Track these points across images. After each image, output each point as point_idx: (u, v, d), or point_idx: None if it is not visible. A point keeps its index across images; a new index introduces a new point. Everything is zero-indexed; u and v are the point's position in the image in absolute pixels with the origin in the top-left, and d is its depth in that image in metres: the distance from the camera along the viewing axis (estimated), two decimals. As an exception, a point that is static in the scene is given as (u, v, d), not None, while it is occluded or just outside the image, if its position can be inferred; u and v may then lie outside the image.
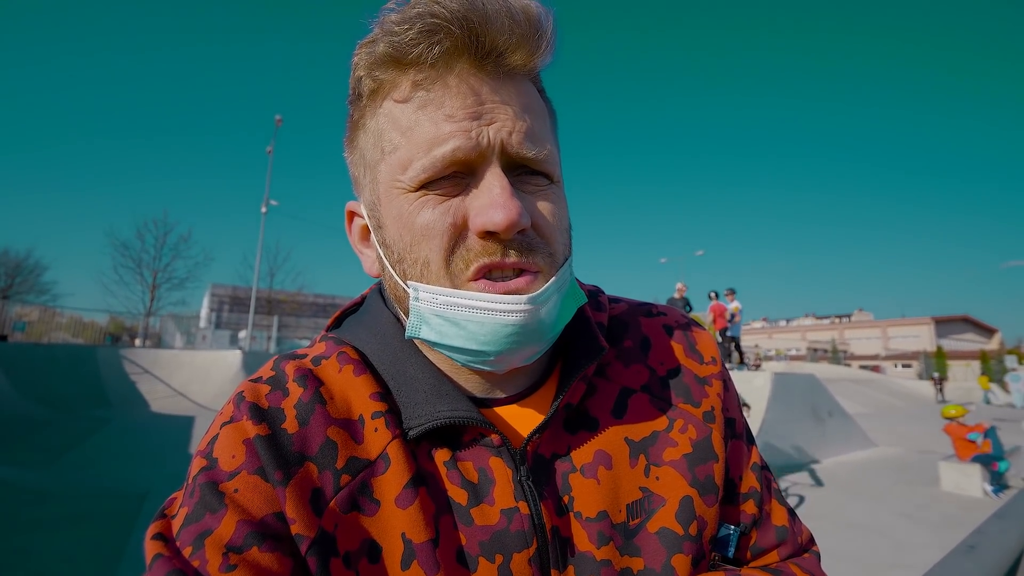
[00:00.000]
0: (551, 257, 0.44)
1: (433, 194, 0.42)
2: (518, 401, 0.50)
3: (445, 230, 0.42)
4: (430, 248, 0.42)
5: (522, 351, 0.44)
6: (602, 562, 0.44)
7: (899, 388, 23.15)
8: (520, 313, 0.41)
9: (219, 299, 38.37)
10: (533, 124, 0.43)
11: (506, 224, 0.40)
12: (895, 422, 12.88)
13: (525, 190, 0.44)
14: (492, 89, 0.42)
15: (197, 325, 20.75)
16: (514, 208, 0.40)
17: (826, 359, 41.87)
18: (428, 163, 0.41)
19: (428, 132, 0.41)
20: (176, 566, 0.37)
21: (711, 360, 0.56)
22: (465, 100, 0.41)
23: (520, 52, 0.42)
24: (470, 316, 0.42)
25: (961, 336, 58.59)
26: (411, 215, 0.43)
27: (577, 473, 0.47)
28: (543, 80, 0.49)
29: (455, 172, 0.42)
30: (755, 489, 0.53)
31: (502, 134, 0.41)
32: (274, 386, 0.46)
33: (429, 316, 0.43)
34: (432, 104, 0.41)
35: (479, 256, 0.41)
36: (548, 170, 0.44)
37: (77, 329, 17.14)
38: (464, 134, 0.41)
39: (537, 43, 0.42)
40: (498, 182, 0.41)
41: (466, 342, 0.43)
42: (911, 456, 8.21)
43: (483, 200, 0.41)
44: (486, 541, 0.43)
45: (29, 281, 25.72)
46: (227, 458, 0.41)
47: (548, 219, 0.44)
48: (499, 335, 0.42)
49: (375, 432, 0.45)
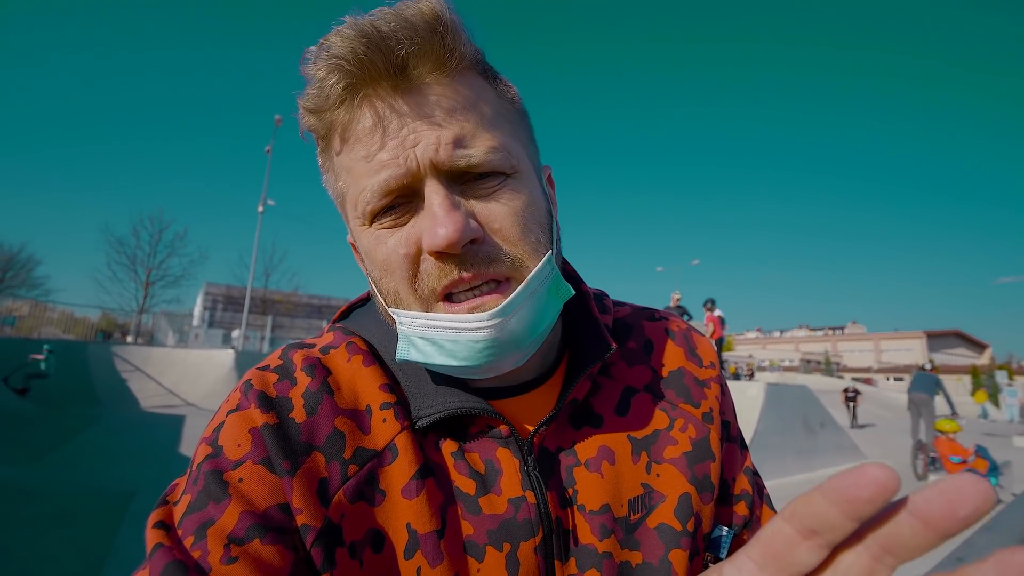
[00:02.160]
0: (517, 260, 0.43)
1: (386, 226, 0.43)
2: (523, 393, 0.50)
3: (401, 262, 0.42)
4: (395, 280, 0.43)
5: (506, 359, 0.44)
6: (603, 554, 0.45)
7: (891, 401, 23.27)
8: (486, 329, 0.41)
9: (213, 298, 38.12)
10: (462, 128, 0.41)
11: (446, 242, 0.39)
12: (886, 434, 12.93)
13: (478, 195, 0.42)
14: (410, 106, 0.41)
15: (190, 323, 20.62)
16: (453, 223, 0.39)
17: (819, 371, 42.05)
18: (369, 196, 0.42)
19: (363, 168, 0.42)
20: (176, 557, 0.36)
21: (710, 364, 0.57)
22: (389, 128, 0.41)
23: (427, 59, 0.40)
24: (445, 336, 0.42)
25: (952, 351, 59.02)
26: (373, 250, 0.44)
27: (581, 467, 0.48)
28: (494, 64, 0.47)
29: (398, 198, 0.42)
30: (747, 492, 0.54)
31: (428, 152, 0.40)
32: (282, 375, 0.46)
33: (415, 338, 0.44)
34: (360, 140, 0.42)
35: (439, 278, 0.42)
36: (496, 167, 0.42)
37: (68, 325, 16.96)
38: (392, 161, 0.40)
39: (442, 43, 0.40)
40: (436, 200, 0.40)
41: (448, 359, 0.43)
42: (901, 469, 8.24)
43: (426, 222, 0.41)
44: (494, 530, 0.43)
45: (21, 275, 25.45)
46: (232, 446, 0.41)
47: (508, 220, 0.42)
48: (473, 351, 0.42)
49: (383, 423, 0.45)
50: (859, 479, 0.19)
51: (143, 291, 23.67)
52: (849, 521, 0.19)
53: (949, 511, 0.18)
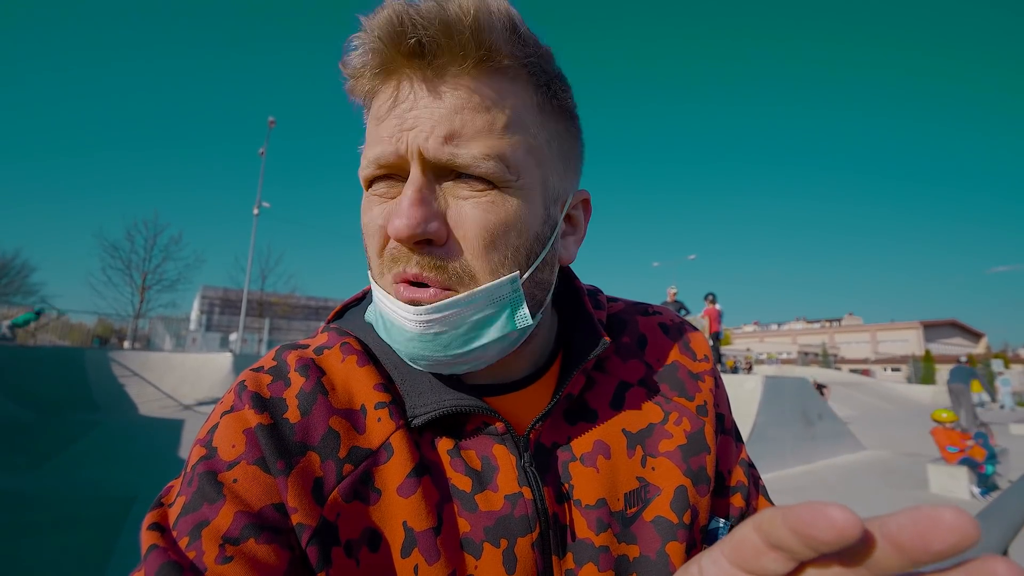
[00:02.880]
0: (468, 275, 0.42)
1: (375, 194, 0.45)
2: (518, 390, 0.50)
3: (377, 231, 0.44)
4: (370, 245, 0.45)
5: (435, 361, 0.44)
6: (600, 548, 0.45)
7: (888, 391, 23.39)
8: (412, 323, 0.42)
9: (210, 301, 37.98)
10: (464, 125, 0.40)
11: (398, 234, 0.40)
12: (884, 425, 13.00)
13: (459, 195, 0.42)
14: (421, 92, 0.41)
15: (187, 327, 20.54)
16: (411, 217, 0.39)
17: (817, 363, 42.21)
18: (365, 163, 0.44)
19: (371, 137, 0.44)
20: (171, 558, 0.36)
21: (703, 357, 0.58)
22: (392, 106, 0.42)
23: (448, 51, 0.40)
24: (389, 315, 0.44)
25: (949, 340, 59.28)
26: (364, 212, 0.46)
27: (577, 462, 0.48)
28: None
29: (389, 175, 0.43)
30: (743, 483, 0.54)
31: (418, 139, 0.40)
32: (276, 376, 0.46)
33: (376, 307, 0.47)
34: (373, 112, 0.44)
35: (391, 263, 0.43)
36: (484, 174, 0.41)
37: (64, 331, 16.90)
38: (388, 139, 0.42)
39: (472, 38, 0.40)
40: (409, 189, 0.41)
41: (388, 338, 0.46)
42: (899, 459, 8.28)
43: (394, 206, 0.42)
44: (491, 526, 0.44)
45: (16, 282, 25.34)
46: (227, 447, 0.41)
47: (475, 231, 0.41)
48: (404, 337, 0.43)
49: (378, 422, 0.45)
50: (817, 520, 0.18)
51: (139, 296, 23.57)
52: (808, 551, 0.18)
53: (922, 544, 0.17)
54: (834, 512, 0.17)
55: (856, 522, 0.17)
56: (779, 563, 0.20)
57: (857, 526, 0.17)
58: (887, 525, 0.18)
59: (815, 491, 6.24)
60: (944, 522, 0.16)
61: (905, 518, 0.17)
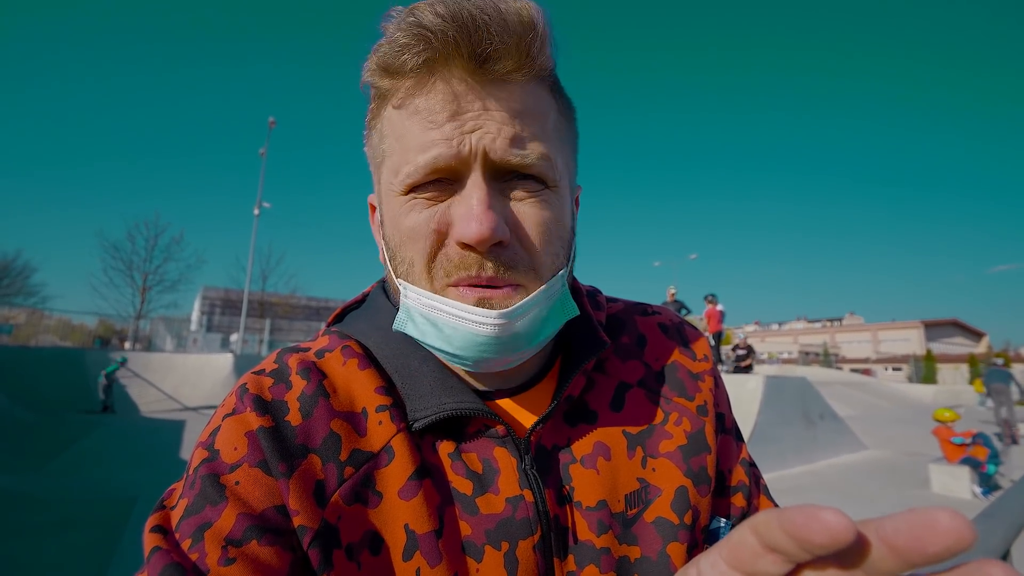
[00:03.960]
0: (534, 271, 0.43)
1: (420, 198, 0.43)
2: (519, 393, 0.50)
3: (428, 235, 0.43)
4: (414, 251, 0.44)
5: (499, 359, 0.44)
6: (601, 550, 0.45)
7: (889, 391, 23.36)
8: (491, 327, 0.41)
9: (210, 302, 38.05)
10: (523, 129, 0.42)
11: (478, 238, 0.40)
12: (885, 425, 12.98)
13: (515, 196, 0.43)
14: (479, 96, 0.42)
15: (188, 328, 20.57)
16: (488, 222, 0.40)
17: (818, 362, 42.16)
18: (412, 169, 0.42)
19: (415, 139, 0.42)
20: (174, 559, 0.36)
21: (703, 357, 0.58)
22: (449, 108, 0.41)
23: (509, 59, 0.41)
24: (447, 320, 0.43)
25: (950, 340, 59.20)
26: (400, 217, 0.44)
27: (577, 464, 0.48)
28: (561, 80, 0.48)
29: (440, 178, 0.42)
30: (744, 483, 0.54)
31: (484, 141, 0.41)
32: (277, 379, 0.46)
33: (415, 315, 0.45)
34: (420, 112, 0.42)
35: (457, 268, 0.42)
36: (541, 174, 0.43)
37: (65, 332, 16.93)
38: (446, 142, 0.41)
39: (529, 48, 0.41)
40: (476, 192, 0.41)
41: (444, 344, 0.44)
42: (901, 458, 8.27)
43: (461, 210, 0.42)
44: (492, 529, 0.44)
45: (17, 283, 25.35)
46: (229, 450, 0.42)
47: (535, 229, 0.43)
48: (472, 343, 0.42)
49: (379, 425, 0.45)
50: (811, 523, 0.18)
51: (140, 296, 23.56)
52: (804, 553, 0.18)
53: (918, 546, 0.17)
54: (827, 515, 0.17)
55: (849, 526, 0.17)
56: (776, 565, 0.20)
57: (850, 530, 0.17)
58: (883, 527, 0.18)
59: (816, 491, 6.24)
60: (940, 524, 0.16)
61: (901, 521, 0.17)
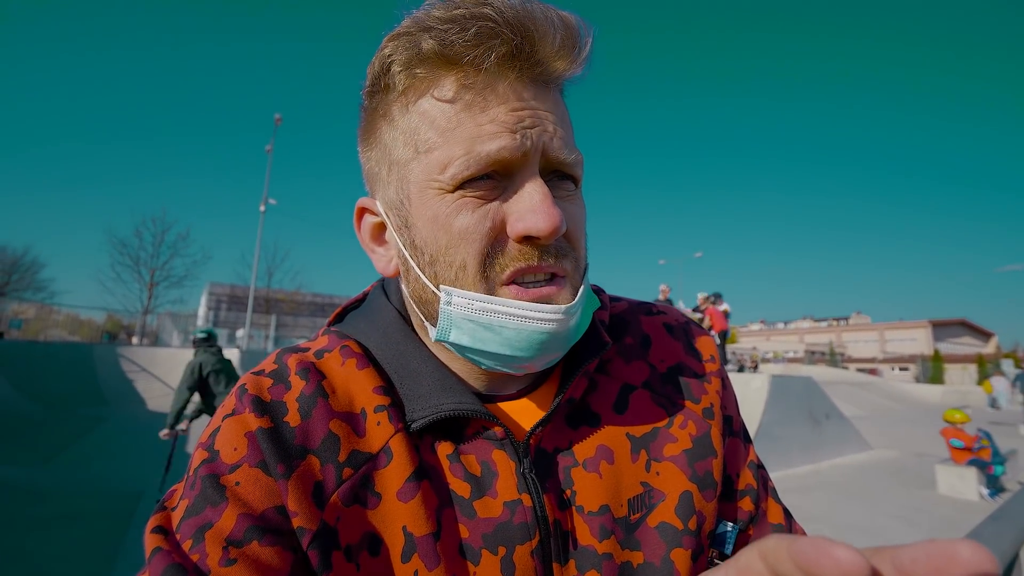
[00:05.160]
0: (576, 263, 0.45)
1: (471, 196, 0.42)
2: (521, 396, 0.50)
3: (484, 234, 0.42)
4: (467, 252, 0.42)
5: (548, 356, 0.45)
6: (603, 555, 0.45)
7: (896, 391, 23.21)
8: (555, 322, 0.42)
9: (217, 298, 38.29)
10: (567, 132, 0.45)
11: (549, 230, 0.41)
12: (891, 425, 12.91)
13: (558, 195, 0.44)
14: (534, 95, 0.43)
15: (195, 323, 20.67)
16: (556, 214, 0.41)
17: (824, 361, 41.97)
18: (472, 160, 0.41)
19: (471, 132, 0.41)
20: (175, 560, 0.37)
21: (710, 358, 0.57)
22: (512, 105, 0.41)
23: (562, 62, 0.42)
24: (506, 323, 0.42)
25: (958, 340, 58.77)
26: (448, 217, 0.42)
27: (579, 467, 0.47)
28: None
29: (494, 173, 0.42)
30: (752, 487, 0.53)
31: (544, 138, 0.42)
32: (276, 379, 0.46)
33: (460, 321, 0.43)
34: (477, 106, 0.41)
35: (515, 260, 0.42)
36: (576, 176, 0.45)
37: (74, 327, 17.09)
38: (510, 135, 0.41)
39: (577, 55, 0.43)
40: (539, 188, 0.42)
41: (501, 347, 0.43)
42: (907, 459, 8.23)
43: (524, 204, 0.42)
44: (489, 533, 0.43)
45: (26, 278, 25.67)
46: (229, 451, 0.42)
47: (576, 224, 0.45)
48: (533, 341, 0.42)
49: (378, 426, 0.45)
50: (822, 559, 0.17)
51: (147, 292, 23.85)
52: None
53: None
54: (839, 552, 0.17)
55: (861, 563, 0.16)
56: None
57: (863, 568, 0.16)
58: (899, 558, 0.17)
59: (821, 490, 6.21)
60: (960, 557, 0.16)
61: (919, 551, 0.17)
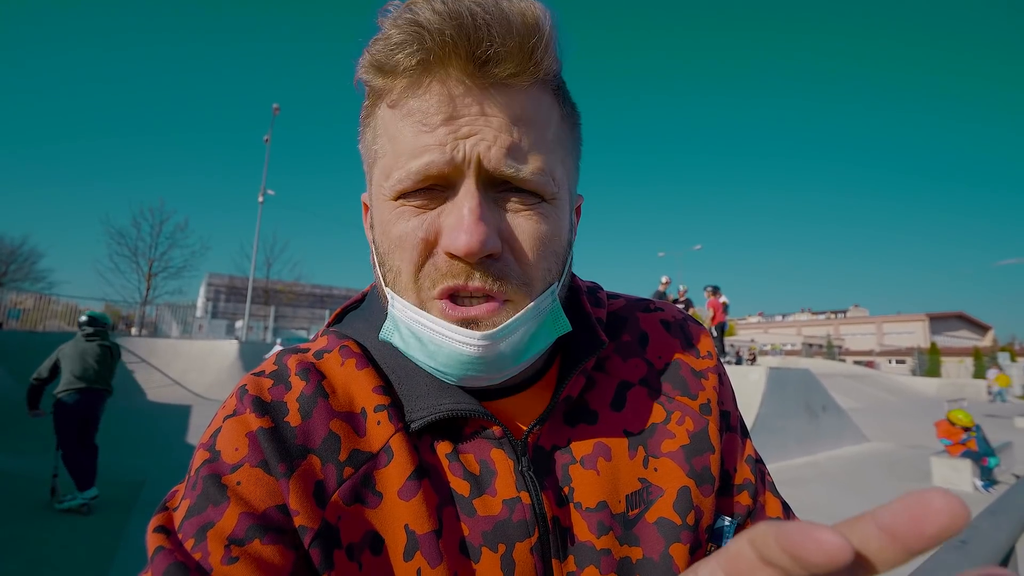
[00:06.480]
0: (526, 286, 0.42)
1: (410, 205, 0.42)
2: (517, 393, 0.50)
3: (416, 244, 0.41)
4: (402, 259, 0.42)
5: (483, 377, 0.44)
6: (602, 551, 0.45)
7: (893, 384, 23.34)
8: (473, 348, 0.41)
9: (216, 289, 38.31)
10: (521, 138, 0.40)
11: (466, 250, 0.39)
12: (888, 417, 13.00)
13: (509, 208, 0.42)
14: (477, 100, 0.40)
15: (193, 314, 20.67)
16: (477, 233, 0.38)
17: (821, 354, 42.13)
18: (404, 175, 0.41)
19: (408, 143, 0.41)
20: (177, 559, 0.37)
21: (707, 354, 0.57)
22: (444, 111, 0.39)
23: (510, 62, 0.39)
24: (432, 336, 0.42)
25: (955, 333, 58.98)
26: (389, 223, 0.43)
27: (577, 464, 0.48)
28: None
29: (432, 185, 0.41)
30: (749, 481, 0.54)
31: (479, 148, 0.39)
32: (276, 380, 0.46)
33: (401, 325, 0.44)
34: (414, 114, 0.40)
35: (445, 277, 0.41)
36: (537, 188, 0.41)
37: (72, 317, 17.05)
38: (439, 148, 0.39)
39: (532, 51, 0.39)
40: (468, 202, 0.39)
41: (428, 360, 0.43)
42: (903, 451, 8.30)
43: (451, 220, 0.40)
44: (489, 531, 0.44)
45: (24, 268, 25.65)
46: (230, 451, 0.42)
47: (529, 243, 0.42)
48: (455, 361, 0.42)
49: (377, 425, 0.45)
50: (807, 542, 0.17)
51: (146, 283, 23.77)
52: (800, 570, 0.18)
53: (916, 528, 0.17)
54: (823, 535, 0.17)
55: (844, 546, 0.17)
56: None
57: (846, 550, 0.17)
58: (880, 517, 0.17)
59: (817, 482, 6.27)
60: (935, 505, 0.16)
61: (897, 506, 0.17)
